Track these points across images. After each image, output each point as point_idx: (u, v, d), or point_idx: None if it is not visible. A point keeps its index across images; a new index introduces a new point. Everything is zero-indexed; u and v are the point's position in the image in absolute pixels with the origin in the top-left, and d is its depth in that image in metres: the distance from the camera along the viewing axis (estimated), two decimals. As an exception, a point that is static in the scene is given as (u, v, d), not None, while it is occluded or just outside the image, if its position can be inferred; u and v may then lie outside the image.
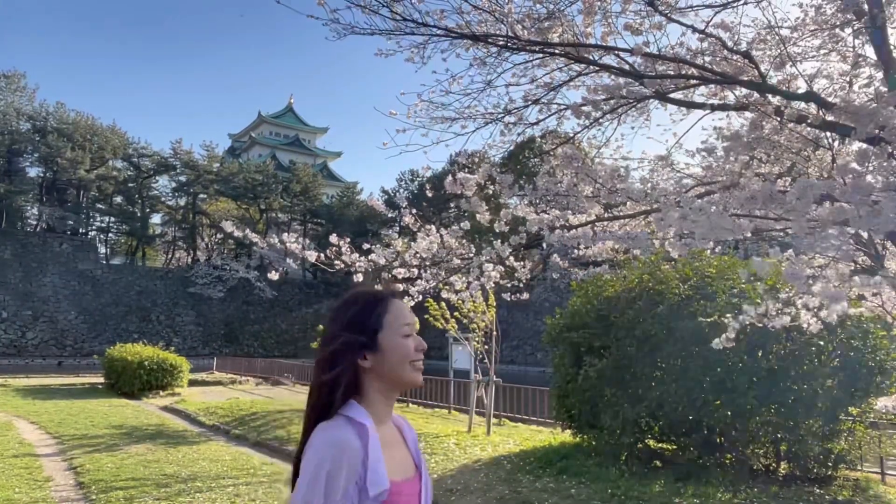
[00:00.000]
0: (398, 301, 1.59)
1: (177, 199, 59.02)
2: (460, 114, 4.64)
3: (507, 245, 4.85)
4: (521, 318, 46.58)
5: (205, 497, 7.24)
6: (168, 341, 42.28)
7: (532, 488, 7.45)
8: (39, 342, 44.52)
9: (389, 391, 1.55)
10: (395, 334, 1.53)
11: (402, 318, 1.56)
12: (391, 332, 1.52)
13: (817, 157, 4.69)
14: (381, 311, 1.54)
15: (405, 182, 61.89)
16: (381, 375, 1.51)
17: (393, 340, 1.52)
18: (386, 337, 1.52)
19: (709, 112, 4.56)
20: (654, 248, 4.46)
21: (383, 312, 1.54)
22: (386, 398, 1.54)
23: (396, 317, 1.55)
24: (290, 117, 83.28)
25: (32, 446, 10.51)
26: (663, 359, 8.03)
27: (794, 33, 4.55)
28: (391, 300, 1.58)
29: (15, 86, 49.93)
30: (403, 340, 1.53)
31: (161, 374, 19.44)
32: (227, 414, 14.03)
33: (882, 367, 7.19)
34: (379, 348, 1.51)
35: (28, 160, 50.46)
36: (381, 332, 1.52)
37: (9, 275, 45.17)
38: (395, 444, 1.55)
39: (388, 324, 1.53)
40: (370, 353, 1.50)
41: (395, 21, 4.00)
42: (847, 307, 3.71)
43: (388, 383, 1.53)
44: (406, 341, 1.53)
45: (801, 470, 7.49)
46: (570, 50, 4.25)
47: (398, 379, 1.53)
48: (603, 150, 5.09)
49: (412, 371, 1.54)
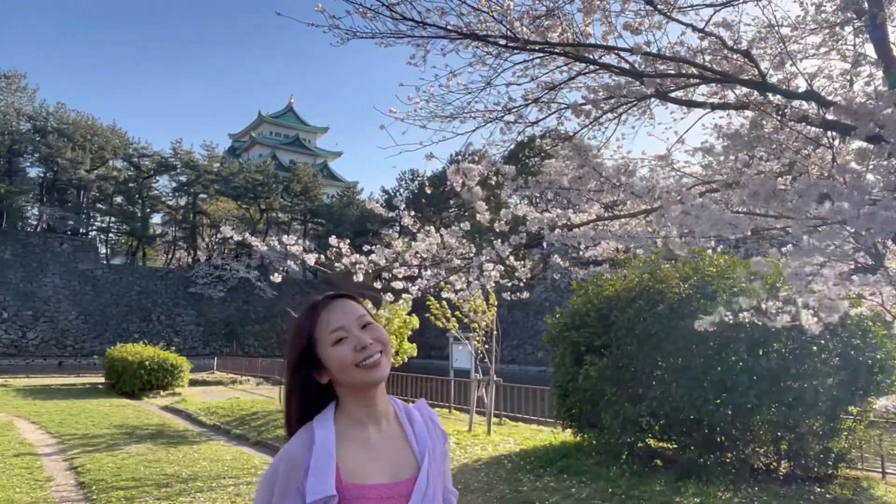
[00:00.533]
0: (330, 304, 1.55)
1: (177, 199, 59.04)
2: (460, 112, 4.63)
3: (508, 245, 4.86)
4: (522, 317, 46.59)
5: (205, 497, 7.25)
6: (168, 341, 42.30)
7: (533, 487, 7.45)
8: (40, 342, 44.52)
9: (358, 394, 1.51)
10: (326, 346, 1.50)
11: (329, 325, 1.51)
12: (324, 346, 1.50)
13: (818, 156, 4.68)
14: (310, 327, 1.52)
15: (405, 182, 61.92)
16: (342, 384, 1.51)
17: (327, 353, 1.50)
18: (321, 351, 1.51)
19: (709, 111, 4.56)
20: (656, 246, 4.47)
21: (313, 327, 1.52)
22: (361, 400, 1.51)
23: (325, 325, 1.51)
24: (291, 117, 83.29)
25: (33, 446, 10.52)
26: (664, 358, 8.03)
27: (795, 32, 4.54)
28: (319, 310, 1.54)
29: (15, 86, 49.95)
30: (336, 349, 1.49)
31: (161, 373, 19.45)
32: (228, 414, 14.03)
33: (882, 365, 7.20)
34: (324, 363, 1.50)
35: (28, 160, 50.51)
36: (317, 349, 1.51)
37: (9, 275, 45.19)
38: (387, 443, 1.51)
39: (318, 339, 1.51)
40: (319, 371, 1.51)
41: (394, 20, 4.00)
42: (844, 309, 3.71)
43: (350, 390, 1.51)
44: (338, 349, 1.49)
45: (802, 469, 7.48)
46: (569, 49, 4.25)
47: (353, 385, 1.50)
48: (603, 150, 5.09)
49: (360, 373, 1.48)
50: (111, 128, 53.91)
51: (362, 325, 1.53)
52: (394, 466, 1.47)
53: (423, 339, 15.12)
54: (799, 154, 4.57)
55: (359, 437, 1.47)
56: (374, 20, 3.97)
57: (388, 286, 5.73)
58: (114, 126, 54.32)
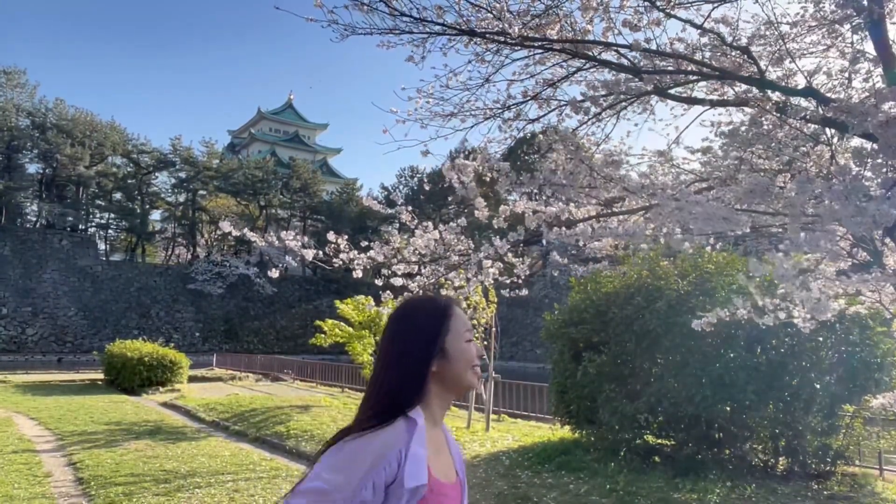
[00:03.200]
0: (459, 308, 1.62)
1: (176, 195, 58.97)
2: (459, 109, 4.63)
3: (506, 241, 4.86)
4: (521, 314, 46.63)
5: (204, 493, 7.26)
6: (168, 338, 42.39)
7: (531, 484, 7.46)
8: (39, 338, 44.54)
9: (447, 395, 1.57)
10: (460, 340, 1.55)
11: (465, 324, 1.59)
12: (457, 338, 1.55)
13: (816, 153, 4.68)
14: (447, 317, 1.57)
15: (405, 178, 61.94)
16: (443, 380, 1.53)
17: (459, 346, 1.55)
18: (453, 343, 1.54)
19: (708, 108, 4.55)
20: (657, 243, 4.47)
21: (449, 318, 1.56)
22: (442, 402, 1.57)
23: (461, 322, 1.58)
24: (290, 114, 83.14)
25: (32, 442, 10.52)
26: (662, 354, 8.05)
27: (794, 29, 4.54)
28: (454, 306, 1.61)
29: (15, 82, 49.87)
30: (467, 346, 1.56)
31: (161, 370, 19.45)
32: (227, 410, 14.04)
33: (881, 363, 7.21)
34: (446, 354, 1.53)
35: (28, 156, 50.44)
36: (448, 338, 1.54)
37: (8, 271, 45.18)
38: (442, 449, 1.58)
39: (454, 329, 1.56)
40: (438, 359, 1.52)
41: (392, 17, 3.99)
42: (834, 309, 3.71)
43: (448, 387, 1.55)
44: (469, 346, 1.57)
45: (800, 466, 7.50)
46: (568, 46, 4.25)
47: (460, 383, 1.55)
48: (603, 146, 5.09)
49: (473, 375, 1.57)
50: (110, 124, 53.85)
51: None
52: (445, 468, 1.54)
53: (423, 335, 15.09)
54: (797, 151, 4.57)
55: (433, 436, 1.51)
56: (371, 15, 3.96)
57: (388, 283, 5.73)
58: (113, 122, 54.33)
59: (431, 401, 1.52)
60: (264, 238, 5.66)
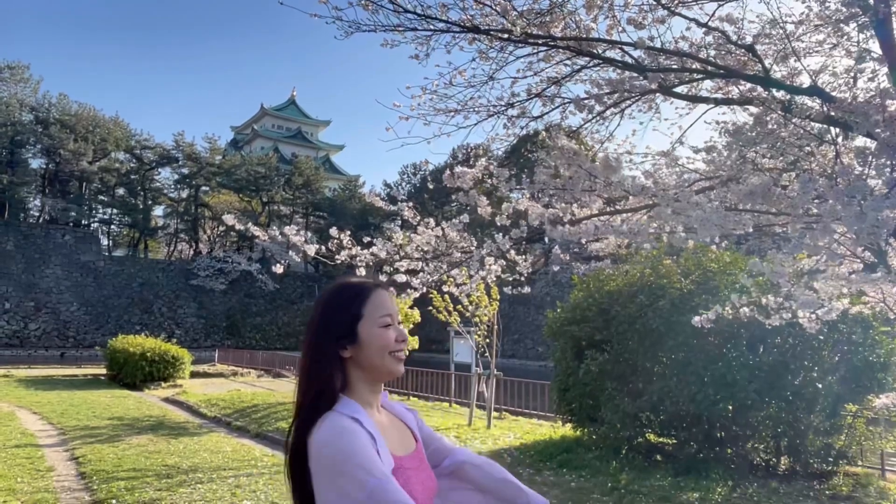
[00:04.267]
0: (381, 291, 1.57)
1: (179, 191, 59.01)
2: (463, 106, 4.62)
3: (508, 238, 4.85)
4: (523, 312, 46.61)
5: (206, 488, 7.27)
6: (170, 333, 42.35)
7: (532, 481, 7.47)
8: (42, 333, 44.66)
9: (372, 381, 1.53)
10: (374, 325, 1.51)
11: (382, 308, 1.53)
12: (370, 322, 1.50)
13: (820, 153, 4.67)
14: (361, 301, 1.52)
15: (407, 175, 61.88)
16: (361, 366, 1.50)
17: (372, 331, 1.50)
18: (365, 327, 1.50)
19: (713, 106, 4.54)
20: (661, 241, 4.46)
21: (363, 302, 1.52)
22: (371, 387, 1.52)
23: (376, 307, 1.52)
24: (293, 110, 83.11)
25: (35, 436, 10.56)
26: (664, 353, 8.04)
27: (799, 28, 4.52)
28: (373, 290, 1.55)
29: (18, 77, 49.88)
30: (382, 331, 1.51)
31: (163, 365, 19.50)
32: (229, 406, 14.07)
33: (883, 362, 7.20)
34: (359, 340, 1.49)
35: (31, 151, 50.47)
36: (360, 322, 1.50)
37: (11, 266, 45.28)
38: (391, 424, 1.56)
39: (367, 313, 1.51)
40: (350, 343, 1.49)
41: (396, 14, 3.99)
42: (834, 308, 3.71)
43: (368, 373, 1.51)
44: (385, 331, 1.51)
45: (802, 465, 7.50)
46: (572, 43, 4.24)
47: (378, 369, 1.51)
48: (607, 144, 5.08)
49: (392, 361, 1.52)
50: (113, 119, 53.84)
51: (399, 321, 1.58)
52: (402, 440, 1.54)
53: (424, 333, 15.12)
54: (802, 151, 4.55)
55: (375, 419, 1.49)
56: (376, 13, 3.95)
57: (391, 280, 5.73)
58: (116, 118, 54.26)
59: (357, 386, 1.49)
60: (267, 234, 5.67)
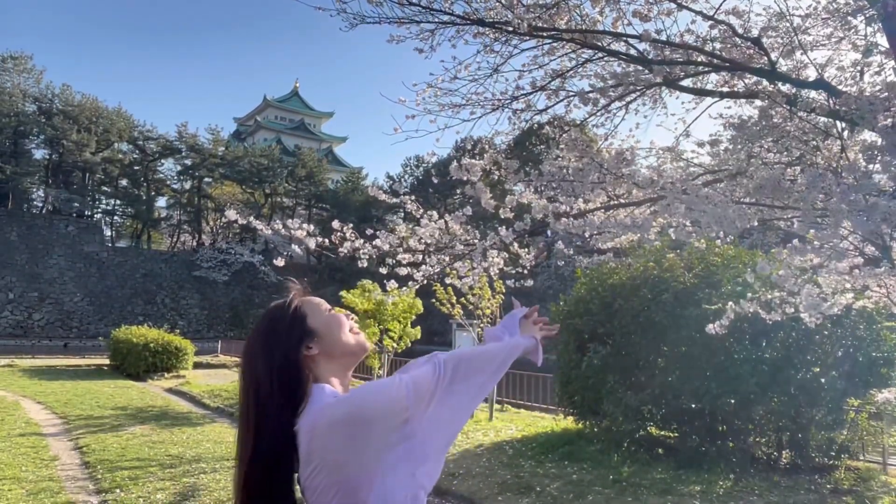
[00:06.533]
0: (303, 293, 1.63)
1: (182, 182, 59.03)
2: (467, 100, 4.60)
3: (511, 231, 4.84)
4: (525, 305, 46.52)
5: (209, 478, 7.31)
6: (173, 324, 42.38)
7: (534, 473, 7.49)
8: (45, 323, 44.79)
9: (342, 369, 1.56)
10: (320, 314, 1.56)
11: (319, 302, 1.60)
12: (317, 315, 1.56)
13: (826, 147, 4.65)
14: (297, 304, 1.57)
15: (410, 168, 61.71)
16: (330, 355, 1.53)
17: (323, 319, 1.56)
18: (316, 320, 1.55)
19: (718, 99, 4.52)
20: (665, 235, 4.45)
21: (300, 304, 1.57)
22: (340, 378, 1.55)
23: (314, 303, 1.59)
24: (296, 102, 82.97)
25: (39, 426, 10.61)
26: (667, 347, 8.05)
27: (806, 21, 4.49)
28: (301, 298, 1.61)
29: (21, 67, 49.77)
30: (330, 314, 1.58)
31: (166, 356, 19.58)
32: (232, 396, 14.11)
33: (886, 357, 7.19)
34: (315, 331, 1.53)
35: (34, 142, 50.47)
36: (308, 319, 1.54)
37: (15, 256, 45.37)
38: None
39: (310, 310, 1.56)
40: (310, 340, 1.52)
41: (401, 6, 3.97)
42: (831, 306, 3.70)
43: (338, 359, 1.55)
44: (333, 314, 1.58)
45: (804, 459, 7.51)
46: (577, 36, 4.22)
47: (346, 349, 1.56)
48: (611, 139, 5.06)
49: (354, 335, 1.58)
50: (116, 110, 53.77)
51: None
52: None
53: (427, 324, 15.15)
54: (807, 145, 4.53)
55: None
56: (380, 5, 3.94)
57: (393, 272, 5.73)
58: (119, 109, 54.17)
59: (325, 377, 1.50)
60: (269, 226, 5.66)
